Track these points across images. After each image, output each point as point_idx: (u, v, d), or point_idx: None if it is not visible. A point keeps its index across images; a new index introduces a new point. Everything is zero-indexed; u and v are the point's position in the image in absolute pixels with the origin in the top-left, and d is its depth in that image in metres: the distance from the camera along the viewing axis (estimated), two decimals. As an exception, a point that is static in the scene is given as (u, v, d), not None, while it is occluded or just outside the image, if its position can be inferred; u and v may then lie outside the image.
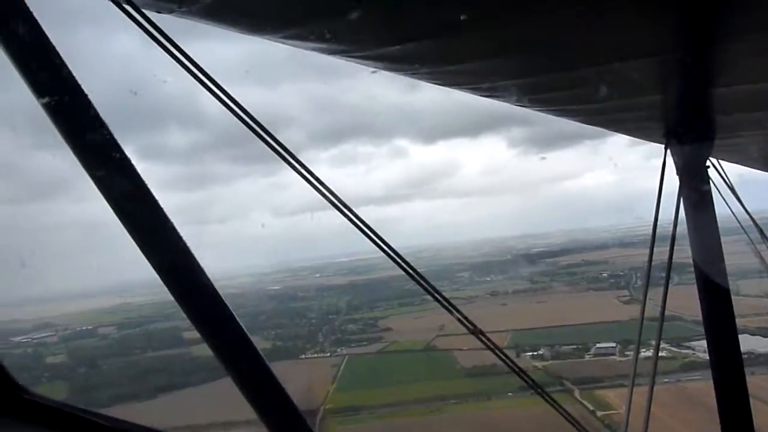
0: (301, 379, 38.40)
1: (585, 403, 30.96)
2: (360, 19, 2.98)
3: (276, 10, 3.08)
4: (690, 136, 5.85)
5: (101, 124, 2.22)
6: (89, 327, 53.90)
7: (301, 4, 3.00)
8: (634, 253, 78.45)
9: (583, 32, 3.30)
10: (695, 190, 6.00)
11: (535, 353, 38.99)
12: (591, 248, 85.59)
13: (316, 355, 45.03)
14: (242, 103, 2.77)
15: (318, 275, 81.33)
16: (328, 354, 44.97)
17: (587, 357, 37.41)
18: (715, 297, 6.13)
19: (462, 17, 2.96)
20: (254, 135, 2.71)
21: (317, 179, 2.90)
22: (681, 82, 4.61)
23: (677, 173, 5.94)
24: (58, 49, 2.18)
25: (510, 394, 31.71)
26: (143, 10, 2.45)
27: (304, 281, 77.99)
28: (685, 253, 6.31)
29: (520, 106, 5.52)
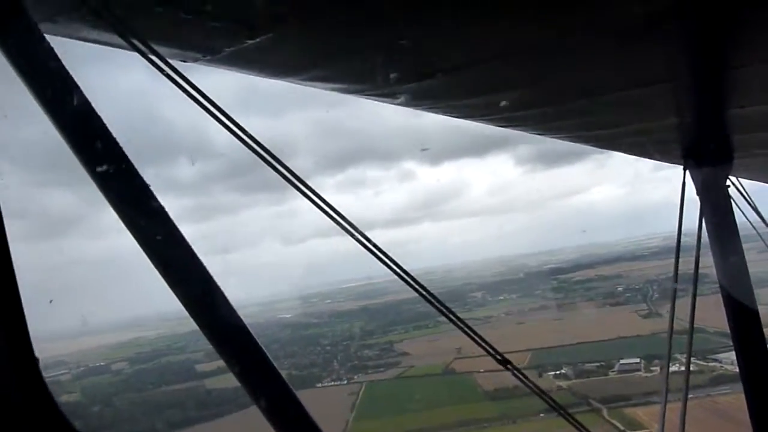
0: (319, 408, 37.48)
1: (614, 422, 29.80)
2: (379, 59, 3.09)
3: (297, 54, 3.13)
4: (708, 157, 5.91)
5: (125, 160, 2.28)
6: (102, 363, 53.15)
7: (322, 47, 3.04)
8: (647, 266, 77.70)
9: (599, 61, 3.34)
10: (716, 208, 6.03)
11: (558, 372, 37.79)
12: (603, 263, 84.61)
13: (332, 383, 43.99)
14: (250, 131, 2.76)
15: (329, 301, 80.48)
16: (345, 381, 43.93)
17: (611, 374, 36.11)
18: (742, 312, 5.98)
19: (479, 53, 3.03)
20: (263, 162, 2.68)
21: (326, 203, 2.82)
22: (696, 105, 4.67)
23: (697, 193, 5.99)
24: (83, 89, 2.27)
25: (536, 416, 30.61)
26: (169, 60, 2.50)
27: (315, 308, 77.13)
28: (701, 263, 6.31)
29: (538, 134, 5.56)
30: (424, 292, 3.22)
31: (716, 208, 5.93)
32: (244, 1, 2.53)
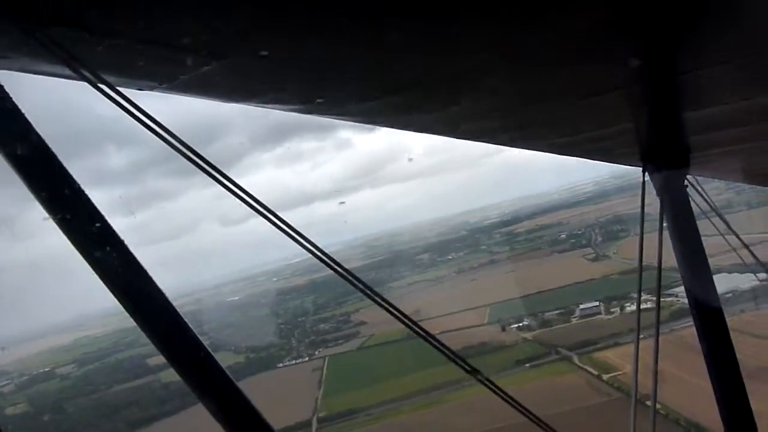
0: (284, 388, 35.97)
1: (587, 368, 29.48)
2: (337, 79, 3.11)
3: (253, 79, 3.08)
4: (666, 159, 6.08)
5: (52, 158, 2.33)
6: (47, 369, 50.21)
7: (279, 71, 2.95)
8: (584, 211, 78.97)
9: (554, 71, 3.35)
10: (675, 208, 6.14)
11: (521, 324, 37.38)
12: (542, 212, 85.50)
13: (294, 362, 42.52)
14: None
15: (275, 279, 78.60)
16: (306, 358, 42.52)
17: (574, 320, 35.83)
18: (706, 307, 5.90)
19: (439, 69, 3.08)
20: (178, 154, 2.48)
21: (239, 187, 2.58)
22: (651, 110, 4.79)
23: (657, 194, 6.04)
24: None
25: (509, 371, 30.12)
26: (121, 90, 2.41)
27: (262, 287, 75.16)
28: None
29: (499, 145, 5.79)
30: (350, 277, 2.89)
31: (676, 207, 6.03)
32: (196, 29, 2.42)
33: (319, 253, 2.88)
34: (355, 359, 40.57)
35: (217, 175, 2.63)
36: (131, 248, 2.39)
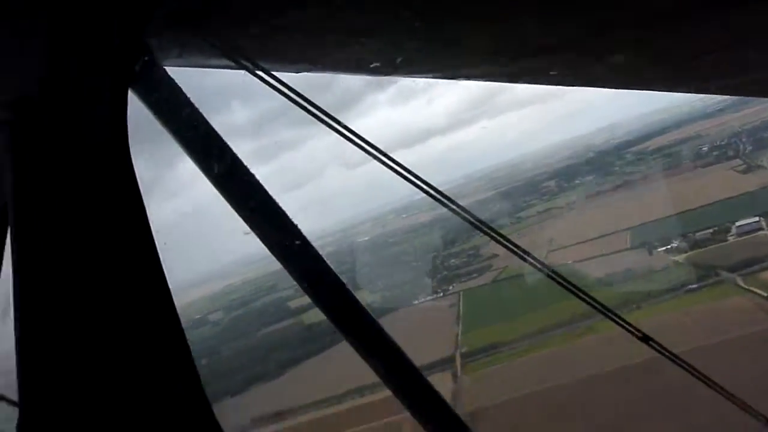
0: (422, 326, 35.71)
1: (754, 290, 26.67)
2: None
3: (402, 53, 3.28)
4: None
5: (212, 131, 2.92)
6: (198, 316, 53.17)
7: (434, 42, 3.15)
8: (721, 121, 71.84)
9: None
10: None
11: (669, 247, 34.40)
12: (673, 127, 78.64)
13: (428, 299, 42.22)
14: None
15: (404, 216, 78.29)
16: (441, 294, 42.06)
17: (731, 239, 32.56)
18: None
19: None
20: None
21: (353, 132, 2.91)
22: None
23: None
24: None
25: (661, 297, 27.90)
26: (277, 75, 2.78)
27: (391, 226, 75.11)
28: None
29: (662, 91, 5.83)
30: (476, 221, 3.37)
31: None
32: (344, 12, 2.54)
33: (433, 192, 3.06)
34: (490, 293, 39.41)
35: (334, 123, 2.78)
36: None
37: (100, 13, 2.28)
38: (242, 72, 2.69)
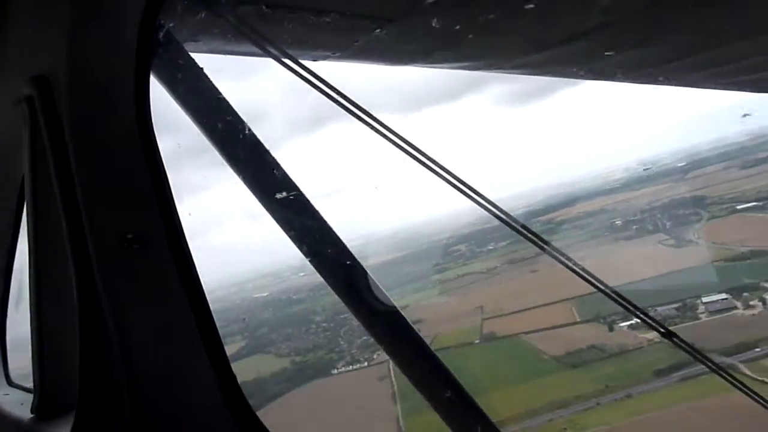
0: (353, 402, 28.75)
1: (769, 380, 22.47)
2: (502, 33, 3.17)
3: (423, 41, 3.18)
4: None
5: (262, 150, 2.91)
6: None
7: (448, 31, 2.97)
8: (627, 197, 71.61)
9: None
10: None
11: (632, 323, 30.04)
12: (575, 200, 77.80)
13: (351, 368, 35.32)
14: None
15: (302, 274, 71.45)
16: (365, 364, 35.34)
17: (703, 317, 28.76)
18: None
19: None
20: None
21: (386, 127, 2.80)
22: None
23: None
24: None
25: (650, 384, 22.87)
26: (301, 61, 2.63)
27: (291, 282, 68.16)
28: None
29: (686, 87, 5.78)
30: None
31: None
32: None
33: (492, 208, 3.10)
34: (426, 365, 33.26)
35: (364, 116, 2.64)
36: None
37: None
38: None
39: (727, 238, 38.72)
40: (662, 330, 3.04)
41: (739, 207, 46.14)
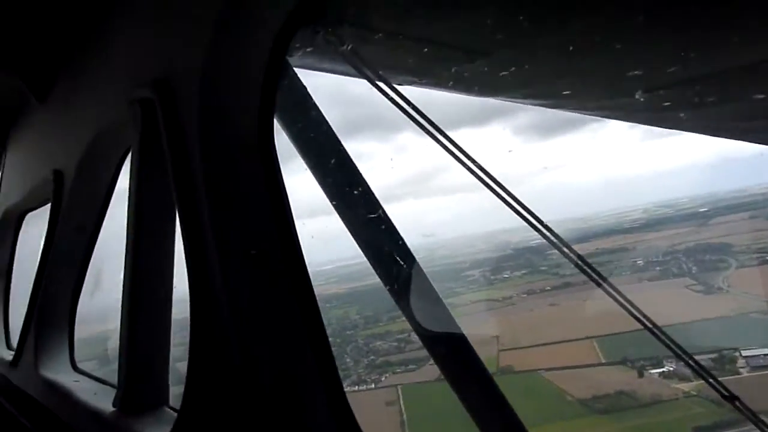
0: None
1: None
2: (590, 75, 3.18)
3: (509, 75, 3.15)
4: None
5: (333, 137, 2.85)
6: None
7: (534, 69, 3.03)
8: (645, 238, 69.61)
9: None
10: None
11: (663, 370, 27.73)
12: (593, 236, 75.58)
13: (356, 388, 33.00)
14: None
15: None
16: (372, 385, 33.08)
17: (744, 372, 26.33)
18: None
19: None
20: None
21: (467, 155, 2.72)
22: None
23: None
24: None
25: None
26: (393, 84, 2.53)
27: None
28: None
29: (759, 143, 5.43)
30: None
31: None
32: (468, 30, 2.48)
33: (550, 235, 3.07)
34: (439, 394, 31.03)
35: (447, 143, 2.56)
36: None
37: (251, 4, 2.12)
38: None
39: (761, 291, 36.41)
40: (724, 393, 2.69)
41: (770, 258, 43.95)
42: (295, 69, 2.69)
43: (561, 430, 21.32)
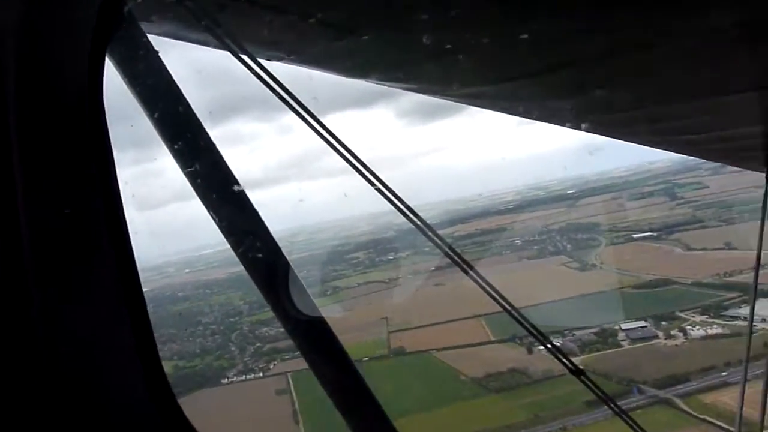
0: (247, 422, 24.74)
1: (710, 419, 20.73)
2: (456, 62, 3.00)
3: (377, 56, 3.07)
4: None
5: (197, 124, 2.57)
6: None
7: (404, 51, 2.99)
8: (520, 218, 72.28)
9: (685, 66, 3.17)
10: None
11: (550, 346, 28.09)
12: (471, 217, 77.74)
13: (244, 378, 31.16)
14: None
15: (187, 270, 66.12)
16: (261, 374, 31.32)
17: (625, 345, 27.24)
18: None
19: (557, 57, 2.88)
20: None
21: (331, 134, 2.54)
22: None
23: None
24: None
25: (582, 416, 20.92)
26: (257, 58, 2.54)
27: (175, 279, 62.45)
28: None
29: (616, 138, 5.46)
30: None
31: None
32: (336, 6, 2.39)
33: (410, 214, 2.87)
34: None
35: (312, 120, 2.44)
36: None
37: None
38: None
39: (630, 266, 38.56)
40: (571, 367, 2.63)
41: (635, 236, 46.80)
42: (155, 36, 2.44)
43: (460, 411, 20.82)
